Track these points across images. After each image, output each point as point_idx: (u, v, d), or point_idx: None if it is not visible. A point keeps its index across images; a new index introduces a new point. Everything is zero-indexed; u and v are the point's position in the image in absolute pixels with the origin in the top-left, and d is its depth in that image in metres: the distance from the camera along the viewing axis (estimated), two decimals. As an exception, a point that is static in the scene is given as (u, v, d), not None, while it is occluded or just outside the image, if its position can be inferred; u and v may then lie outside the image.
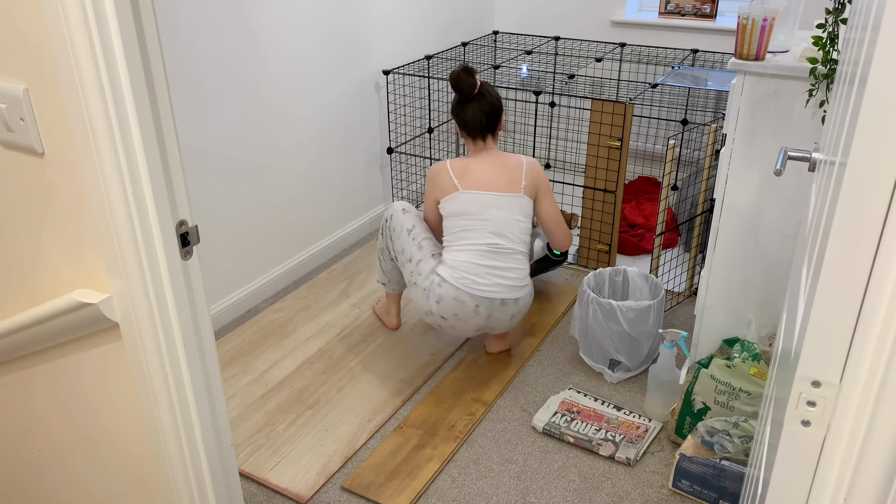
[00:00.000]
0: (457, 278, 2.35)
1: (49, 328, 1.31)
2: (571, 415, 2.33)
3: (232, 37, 2.62)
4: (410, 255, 2.47)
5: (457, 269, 2.37)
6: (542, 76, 3.91)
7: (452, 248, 2.41)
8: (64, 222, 1.24)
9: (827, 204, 0.87)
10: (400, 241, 2.52)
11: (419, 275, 2.42)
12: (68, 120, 1.11)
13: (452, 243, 2.42)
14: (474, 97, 2.45)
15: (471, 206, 2.41)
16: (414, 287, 2.45)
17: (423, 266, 2.43)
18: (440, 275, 2.38)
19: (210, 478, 1.40)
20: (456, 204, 2.43)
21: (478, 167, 2.46)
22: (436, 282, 2.37)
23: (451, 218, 2.44)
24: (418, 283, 2.42)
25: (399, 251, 2.53)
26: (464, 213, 2.42)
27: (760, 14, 1.86)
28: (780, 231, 2.08)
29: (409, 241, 2.49)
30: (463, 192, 2.42)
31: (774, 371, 1.31)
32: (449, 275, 2.36)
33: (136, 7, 1.05)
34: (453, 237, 2.43)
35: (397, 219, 2.55)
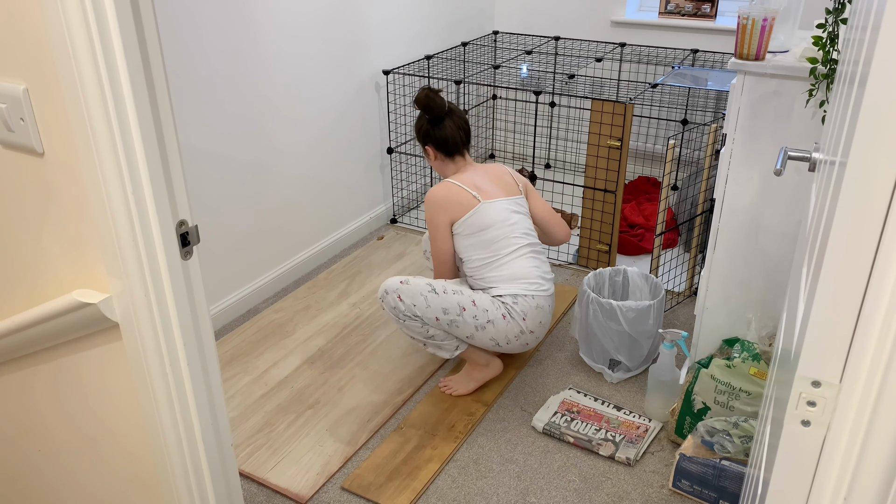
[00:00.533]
0: (526, 287, 2.32)
1: (49, 328, 1.31)
2: (571, 415, 2.33)
3: (232, 36, 2.62)
4: (460, 304, 2.28)
5: (518, 279, 2.32)
6: (542, 76, 3.91)
7: (497, 264, 2.32)
8: (64, 222, 1.24)
9: (827, 204, 0.87)
10: (432, 306, 2.27)
11: (486, 311, 2.29)
12: (68, 120, 1.11)
13: (494, 258, 2.32)
14: (446, 114, 2.40)
15: (496, 215, 2.33)
16: (490, 326, 2.29)
17: (482, 301, 2.30)
18: (509, 294, 2.31)
19: (210, 478, 1.40)
20: (480, 218, 2.32)
21: (477, 178, 2.39)
22: (509, 303, 2.30)
23: (479, 234, 2.32)
24: (494, 319, 2.29)
25: (440, 314, 2.28)
26: (491, 224, 2.32)
27: (760, 14, 1.86)
28: (780, 231, 2.08)
29: (442, 297, 2.28)
30: (484, 202, 2.33)
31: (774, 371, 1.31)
32: (517, 288, 2.31)
33: (136, 7, 1.05)
34: (491, 252, 2.32)
35: (408, 291, 2.28)
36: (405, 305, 2.28)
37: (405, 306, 2.28)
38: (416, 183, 3.83)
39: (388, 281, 2.33)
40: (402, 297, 2.28)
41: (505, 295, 2.31)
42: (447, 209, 2.34)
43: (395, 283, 2.30)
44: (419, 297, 2.28)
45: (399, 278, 2.32)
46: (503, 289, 2.31)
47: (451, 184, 2.36)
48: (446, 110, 2.41)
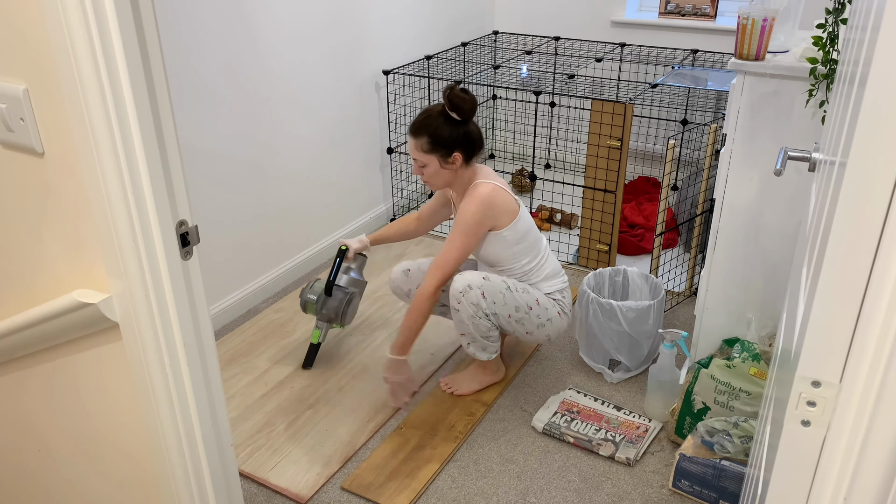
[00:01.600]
0: (563, 280, 2.41)
1: (49, 328, 1.31)
2: (571, 415, 2.33)
3: (232, 37, 2.62)
4: (527, 303, 2.28)
5: (558, 274, 2.40)
6: (542, 76, 3.91)
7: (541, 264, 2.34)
8: (64, 222, 1.24)
9: (827, 204, 0.87)
10: (508, 303, 2.24)
11: (546, 309, 2.32)
12: (68, 120, 1.11)
13: (537, 259, 2.33)
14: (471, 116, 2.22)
15: (528, 216, 2.32)
16: (548, 323, 2.33)
17: (543, 300, 2.32)
18: (557, 290, 2.36)
19: (210, 478, 1.40)
20: (524, 222, 2.28)
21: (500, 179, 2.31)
22: (559, 298, 2.37)
23: (525, 237, 2.28)
24: (552, 317, 2.33)
25: (513, 311, 2.26)
26: (530, 226, 2.31)
27: (760, 14, 1.86)
28: (780, 231, 2.08)
29: (515, 295, 2.26)
30: (522, 207, 2.30)
31: (774, 371, 1.31)
32: (560, 283, 2.39)
33: (136, 7, 1.05)
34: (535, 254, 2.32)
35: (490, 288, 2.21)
36: (487, 303, 2.22)
37: (487, 304, 2.22)
38: (416, 183, 3.83)
39: (470, 276, 2.23)
40: (485, 294, 2.21)
41: (554, 291, 2.36)
42: (497, 214, 2.21)
43: (478, 279, 2.21)
44: (499, 294, 2.24)
45: (480, 273, 2.24)
46: (552, 286, 2.36)
47: (495, 185, 2.22)
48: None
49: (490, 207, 2.19)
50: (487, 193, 2.18)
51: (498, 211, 2.20)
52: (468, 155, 2.23)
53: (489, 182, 2.22)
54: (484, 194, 2.18)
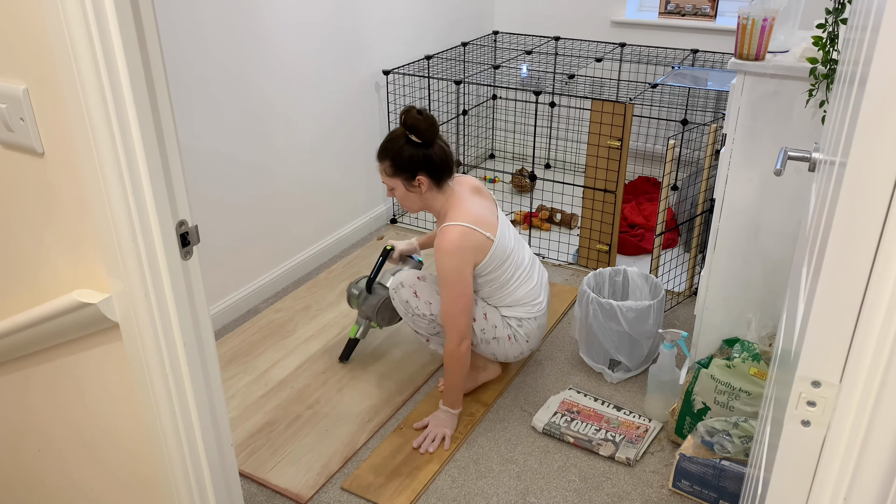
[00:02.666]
0: (529, 310, 2.31)
1: (49, 328, 1.31)
2: (571, 415, 2.33)
3: (232, 37, 2.62)
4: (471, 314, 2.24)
5: (523, 303, 2.30)
6: (542, 76, 3.91)
7: (508, 288, 2.27)
8: (64, 222, 1.24)
9: (827, 204, 0.87)
10: None
11: (494, 327, 2.27)
12: (68, 120, 1.11)
13: (506, 283, 2.26)
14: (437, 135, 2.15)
15: (506, 243, 2.22)
16: (494, 342, 2.30)
17: (493, 317, 2.28)
18: (515, 317, 2.29)
19: (210, 478, 1.40)
20: (497, 256, 2.19)
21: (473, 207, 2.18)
22: (514, 326, 2.30)
23: (497, 269, 2.21)
24: (499, 337, 2.29)
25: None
26: (506, 256, 2.22)
27: (760, 14, 1.86)
28: (780, 231, 2.08)
29: None
30: (496, 238, 2.17)
31: (774, 371, 1.31)
32: (522, 312, 2.30)
33: (136, 7, 1.05)
34: (504, 279, 2.25)
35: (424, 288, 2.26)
36: (419, 302, 2.25)
37: (419, 303, 2.25)
38: (416, 183, 3.83)
39: (405, 274, 2.28)
40: (417, 293, 2.25)
41: (511, 318, 2.30)
42: (469, 257, 2.14)
43: (412, 278, 2.26)
44: (436, 295, 2.25)
45: (417, 273, 2.28)
46: (512, 312, 2.30)
47: (464, 227, 2.11)
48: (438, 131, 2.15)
49: (460, 254, 2.11)
50: (455, 243, 2.09)
51: (470, 254, 2.13)
52: (434, 178, 2.15)
53: (458, 225, 2.11)
54: (452, 245, 2.09)
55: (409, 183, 2.16)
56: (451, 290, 2.13)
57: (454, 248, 2.10)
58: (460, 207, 2.17)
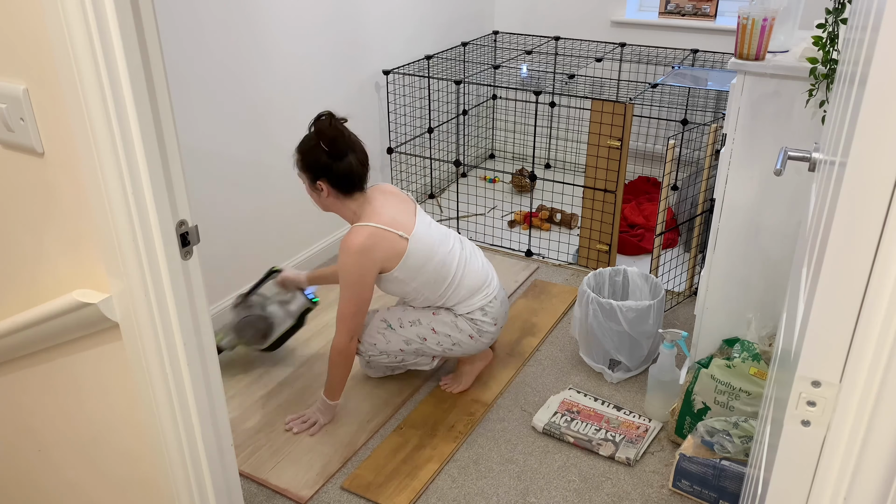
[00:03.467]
0: (486, 294, 2.28)
1: (49, 328, 1.31)
2: (571, 415, 2.33)
3: (232, 36, 2.62)
4: (419, 335, 2.27)
5: (477, 290, 2.27)
6: (542, 76, 3.91)
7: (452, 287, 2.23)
8: (64, 222, 1.24)
9: (827, 204, 0.87)
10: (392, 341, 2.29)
11: (448, 336, 2.26)
12: (68, 120, 1.11)
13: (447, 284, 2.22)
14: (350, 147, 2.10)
15: (427, 241, 2.17)
16: (456, 347, 2.29)
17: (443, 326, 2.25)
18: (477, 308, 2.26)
19: (210, 478, 1.40)
20: (416, 256, 2.14)
21: (385, 210, 2.15)
22: (478, 318, 2.27)
23: (422, 272, 2.17)
24: (459, 341, 2.27)
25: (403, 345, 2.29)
26: (429, 255, 2.17)
27: (760, 14, 1.86)
28: (780, 231, 2.08)
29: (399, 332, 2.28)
30: (410, 237, 2.13)
31: (774, 371, 1.31)
32: (480, 300, 2.27)
33: (136, 7, 1.05)
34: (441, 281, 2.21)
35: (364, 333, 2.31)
36: (364, 348, 2.33)
37: (364, 349, 2.33)
38: (416, 183, 3.83)
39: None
40: (361, 340, 2.31)
41: (474, 310, 2.27)
42: (377, 259, 2.10)
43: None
44: (377, 335, 2.30)
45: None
46: (468, 305, 2.27)
47: (374, 228, 2.09)
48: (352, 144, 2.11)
49: (364, 255, 2.07)
50: (360, 243, 2.06)
51: (378, 255, 2.09)
52: (337, 188, 2.11)
53: (367, 226, 2.09)
54: (356, 244, 2.07)
55: (311, 184, 2.15)
56: (348, 290, 2.13)
57: (358, 248, 2.07)
58: (373, 211, 2.14)
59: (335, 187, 2.12)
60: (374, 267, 2.11)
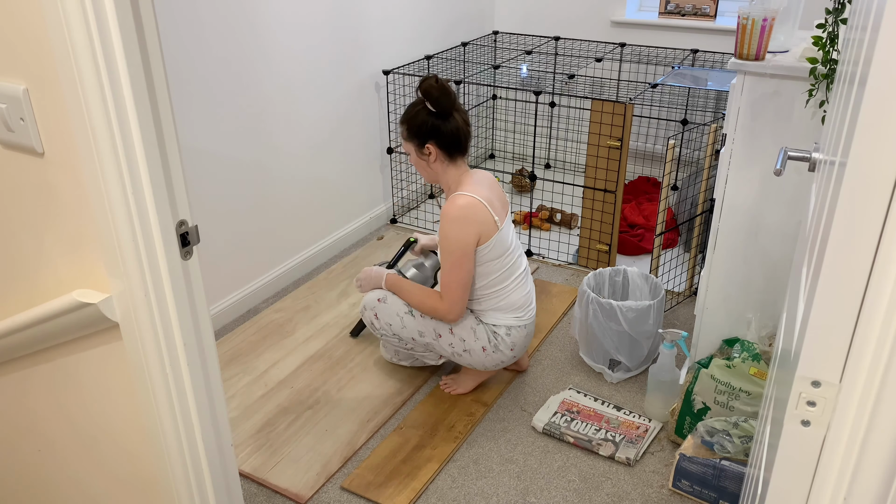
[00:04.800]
0: (520, 317, 2.26)
1: (49, 328, 1.31)
2: (571, 415, 2.33)
3: (232, 36, 2.62)
4: (436, 330, 2.25)
5: (516, 309, 2.25)
6: (542, 76, 3.91)
7: (500, 294, 2.22)
8: (64, 222, 1.24)
9: (827, 204, 0.87)
10: (408, 327, 2.26)
11: (463, 340, 2.23)
12: (68, 120, 1.11)
13: (498, 288, 2.21)
14: (455, 107, 2.14)
15: (508, 242, 2.19)
16: (466, 354, 2.26)
17: (461, 330, 2.22)
18: (504, 325, 2.23)
19: (210, 478, 1.40)
20: (498, 246, 2.15)
21: (485, 192, 2.15)
22: (501, 334, 2.23)
23: (492, 262, 2.16)
24: (471, 349, 2.24)
25: (416, 335, 2.27)
26: (503, 252, 2.18)
27: (760, 14, 1.86)
28: (780, 231, 2.08)
29: (418, 321, 2.25)
30: (500, 229, 2.14)
31: (774, 371, 1.31)
32: (512, 320, 2.24)
33: (136, 7, 1.05)
34: (496, 281, 2.20)
35: (384, 310, 2.28)
36: (380, 323, 2.33)
37: (380, 324, 2.33)
38: (415, 183, 3.83)
39: (368, 296, 2.35)
40: (378, 315, 2.32)
41: (500, 325, 2.24)
42: (475, 228, 2.10)
43: (372, 301, 2.33)
44: (395, 317, 2.30)
45: (378, 294, 2.32)
46: (501, 318, 2.25)
47: (474, 198, 2.10)
48: (456, 103, 2.15)
49: (465, 221, 2.08)
50: (460, 209, 2.08)
51: (475, 226, 2.10)
52: (445, 150, 2.15)
53: (467, 195, 2.11)
54: (455, 210, 2.08)
55: (419, 150, 2.18)
56: (449, 258, 2.12)
57: (458, 214, 2.09)
58: (474, 184, 2.17)
59: (443, 149, 2.15)
60: (474, 234, 2.10)
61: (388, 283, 2.32)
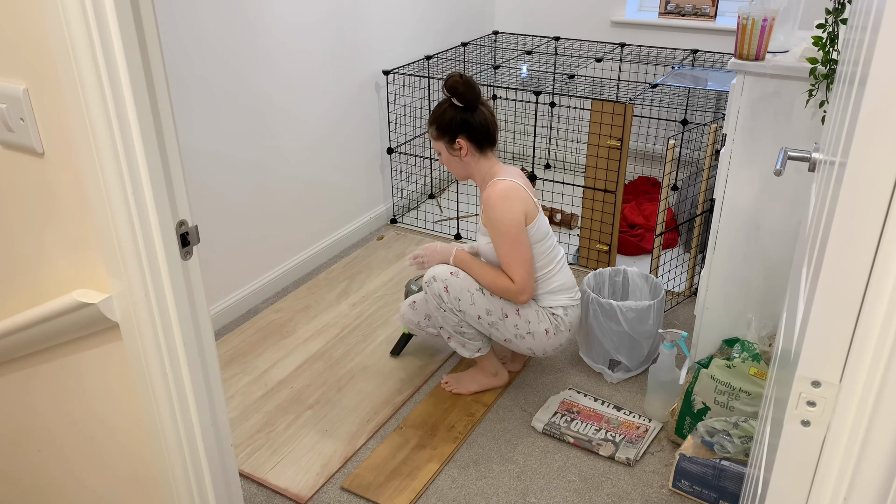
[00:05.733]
0: (573, 297, 2.31)
1: (49, 328, 1.31)
2: (571, 415, 2.33)
3: (232, 37, 2.62)
4: (503, 310, 2.23)
5: (568, 289, 2.29)
6: (542, 76, 3.91)
7: (550, 275, 2.25)
8: (64, 222, 1.24)
9: (827, 204, 0.87)
10: (477, 304, 2.23)
11: (528, 322, 2.24)
12: (68, 120, 1.11)
13: (548, 270, 2.25)
14: (480, 100, 2.20)
15: (546, 224, 2.26)
16: (529, 337, 2.26)
17: (527, 311, 2.24)
18: (561, 305, 2.26)
19: (210, 478, 1.40)
20: (540, 227, 2.21)
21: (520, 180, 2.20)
22: (560, 314, 2.26)
23: (538, 244, 2.21)
24: (535, 332, 2.25)
25: (483, 313, 2.24)
26: (546, 234, 2.24)
27: (760, 14, 1.86)
28: (780, 231, 2.08)
29: (489, 298, 2.23)
30: (540, 211, 2.23)
31: (774, 371, 1.31)
32: (567, 299, 2.28)
33: (136, 7, 1.05)
34: (545, 264, 2.24)
35: (456, 284, 2.22)
36: (449, 297, 2.23)
37: (449, 298, 2.23)
38: (416, 183, 3.83)
39: (439, 268, 2.26)
40: (448, 289, 2.23)
41: (556, 307, 2.27)
42: (522, 205, 2.14)
43: (445, 273, 2.24)
44: (466, 292, 2.23)
45: (450, 269, 2.25)
46: (556, 300, 2.27)
47: (512, 182, 2.15)
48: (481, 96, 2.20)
49: (509, 200, 2.12)
50: (501, 190, 2.13)
51: (520, 204, 2.13)
52: (475, 142, 2.19)
53: (506, 180, 2.16)
54: (498, 192, 2.12)
55: (450, 146, 2.21)
56: (506, 239, 2.13)
57: (503, 196, 2.11)
58: (507, 172, 2.21)
59: (473, 142, 2.19)
60: (521, 212, 2.13)
61: (458, 259, 2.27)
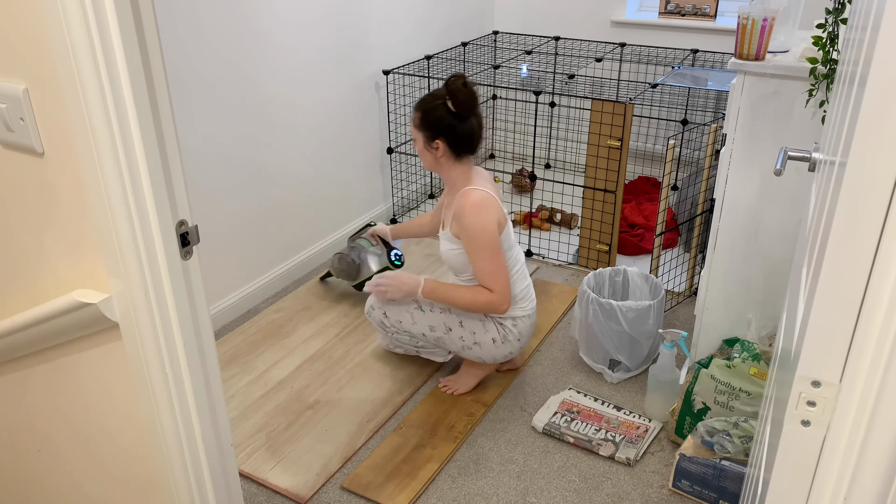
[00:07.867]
0: (524, 307, 2.30)
1: (49, 328, 1.31)
2: (571, 415, 2.33)
3: (232, 36, 2.62)
4: (446, 324, 2.27)
5: (520, 300, 2.28)
6: (542, 76, 3.91)
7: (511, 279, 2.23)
8: (64, 222, 1.24)
9: (827, 204, 0.87)
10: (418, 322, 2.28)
11: (473, 333, 2.26)
12: (68, 120, 1.11)
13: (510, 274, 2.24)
14: (475, 112, 2.18)
15: (512, 233, 2.27)
16: (476, 347, 2.28)
17: (470, 323, 2.25)
18: (510, 317, 2.26)
19: (210, 478, 1.39)
20: (508, 237, 2.23)
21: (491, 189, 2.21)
22: (508, 325, 2.27)
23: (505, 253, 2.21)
24: (481, 341, 2.26)
25: (427, 330, 2.29)
26: (511, 244, 2.26)
27: (760, 14, 1.86)
28: (780, 231, 2.08)
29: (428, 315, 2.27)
30: (508, 221, 2.24)
31: (774, 371, 1.31)
32: (518, 311, 2.28)
33: (136, 7, 1.05)
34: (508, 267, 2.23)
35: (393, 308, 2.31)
36: (391, 322, 2.34)
37: (391, 322, 2.34)
38: (415, 183, 3.83)
39: (373, 299, 2.36)
40: (387, 314, 2.34)
41: (505, 318, 2.27)
42: (496, 215, 2.15)
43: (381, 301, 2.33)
44: (405, 314, 2.31)
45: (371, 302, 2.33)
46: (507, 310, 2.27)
47: (486, 192, 2.16)
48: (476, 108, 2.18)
49: (483, 209, 2.12)
50: (477, 199, 2.12)
51: (493, 214, 2.14)
52: (453, 149, 2.17)
53: (481, 190, 2.16)
54: (473, 201, 2.12)
55: (428, 142, 2.18)
56: (485, 248, 2.12)
57: (476, 204, 2.11)
58: (482, 182, 2.21)
59: (452, 148, 2.17)
60: (496, 221, 2.13)
61: (427, 290, 2.22)
